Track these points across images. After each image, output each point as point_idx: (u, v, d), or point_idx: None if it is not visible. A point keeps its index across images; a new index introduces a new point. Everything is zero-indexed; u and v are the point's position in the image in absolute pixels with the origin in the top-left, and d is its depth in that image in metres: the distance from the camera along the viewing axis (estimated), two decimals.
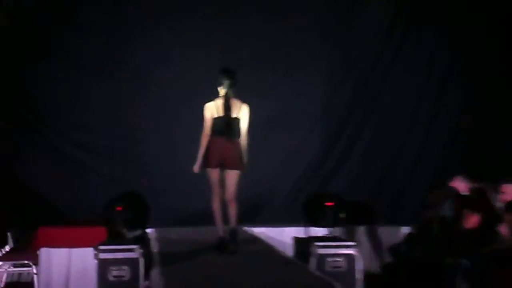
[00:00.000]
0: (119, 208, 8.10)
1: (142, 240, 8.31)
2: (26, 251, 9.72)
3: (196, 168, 8.07)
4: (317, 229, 9.41)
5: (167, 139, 11.38)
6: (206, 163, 8.04)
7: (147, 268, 7.74)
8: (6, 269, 9.50)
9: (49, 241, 9.73)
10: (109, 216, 8.13)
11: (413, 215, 10.84)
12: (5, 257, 9.40)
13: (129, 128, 11.57)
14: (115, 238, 8.19)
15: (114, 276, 7.75)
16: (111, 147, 11.55)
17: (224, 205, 8.18)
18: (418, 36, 12.04)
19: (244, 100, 8.36)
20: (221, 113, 7.99)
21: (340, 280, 7.02)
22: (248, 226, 10.49)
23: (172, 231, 10.11)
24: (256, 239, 9.58)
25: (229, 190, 8.12)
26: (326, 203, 8.79)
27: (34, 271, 9.42)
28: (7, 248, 9.72)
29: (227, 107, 8.02)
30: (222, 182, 8.11)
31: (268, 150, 11.49)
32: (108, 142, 11.54)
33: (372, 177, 11.79)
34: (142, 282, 7.70)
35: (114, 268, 7.76)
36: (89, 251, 8.03)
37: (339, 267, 8.33)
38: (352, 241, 8.57)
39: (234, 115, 8.06)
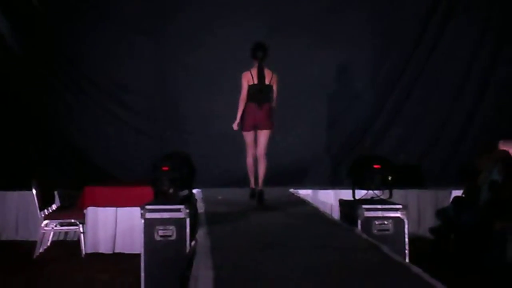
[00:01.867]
0: (165, 168, 8.07)
1: (188, 200, 8.30)
2: (72, 210, 9.81)
3: (235, 126, 9.09)
4: (363, 191, 9.28)
5: (211, 104, 11.37)
6: (242, 126, 9.06)
7: (193, 228, 7.73)
8: (52, 228, 9.60)
9: (95, 200, 9.80)
10: (155, 176, 8.10)
11: (461, 179, 10.74)
12: (52, 216, 9.49)
13: (175, 91, 11.61)
14: (161, 198, 8.18)
15: (161, 236, 7.75)
16: (157, 109, 11.61)
17: (256, 161, 9.07)
18: (469, 4, 11.74)
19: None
20: (255, 81, 8.93)
21: (387, 243, 6.90)
22: (294, 188, 10.46)
23: (218, 191, 10.12)
24: (302, 201, 9.53)
25: (260, 147, 9.03)
26: (374, 166, 8.66)
27: (81, 229, 9.50)
28: (54, 206, 9.82)
29: (262, 76, 8.94)
30: (255, 142, 9.08)
31: (315, 113, 11.46)
32: (155, 104, 11.59)
33: (420, 139, 11.64)
34: (188, 242, 7.70)
35: (160, 227, 7.76)
36: (136, 211, 8.03)
37: (386, 230, 8.21)
38: (399, 204, 8.44)
39: (266, 82, 8.99)
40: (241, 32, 11.37)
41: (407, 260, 7.92)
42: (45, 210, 9.38)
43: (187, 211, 7.79)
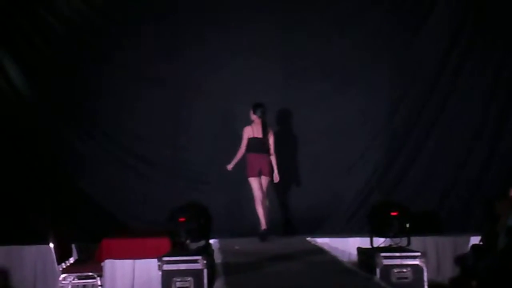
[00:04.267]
0: (182, 219, 8.09)
1: (206, 251, 8.30)
2: (90, 262, 9.78)
3: (229, 167, 10.49)
4: (381, 239, 9.24)
5: (230, 151, 11.38)
6: (249, 173, 10.38)
7: (211, 279, 7.71)
8: (70, 281, 9.55)
9: (113, 253, 9.78)
10: (172, 227, 8.13)
11: (480, 225, 10.68)
12: (70, 269, 9.47)
13: (190, 139, 11.61)
14: (178, 249, 8.18)
15: (179, 287, 7.74)
16: (171, 158, 11.60)
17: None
18: (485, 42, 11.72)
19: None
20: (255, 134, 10.44)
21: None
22: (312, 237, 10.43)
23: (235, 241, 10.10)
24: (320, 250, 9.49)
25: (263, 191, 10.42)
26: (391, 213, 8.65)
27: (99, 283, 9.46)
28: (72, 260, 9.80)
29: (265, 130, 10.50)
30: (261, 187, 10.41)
31: (331, 159, 11.44)
32: (168, 153, 11.60)
33: (438, 186, 11.55)
34: None
35: (178, 279, 7.77)
36: (153, 262, 8.04)
37: (405, 278, 8.19)
38: (418, 251, 8.39)
39: (266, 136, 10.50)
40: (257, 78, 11.46)
41: None
42: (63, 264, 9.37)
43: (205, 262, 7.80)
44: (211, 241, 9.29)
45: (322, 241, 10.31)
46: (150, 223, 10.94)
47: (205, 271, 7.78)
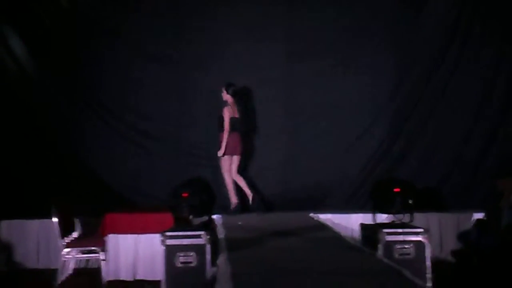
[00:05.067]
0: (185, 195, 8.09)
1: (208, 226, 8.30)
2: (93, 237, 9.80)
3: (220, 153, 10.57)
4: (384, 215, 9.24)
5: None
6: (225, 152, 10.57)
7: (214, 254, 7.73)
8: (74, 256, 9.57)
9: (116, 227, 9.83)
10: (175, 203, 8.13)
11: (483, 201, 10.67)
12: (73, 244, 9.48)
13: (193, 116, 11.59)
14: (181, 224, 8.19)
15: (181, 262, 7.76)
16: (175, 134, 11.59)
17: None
18: (489, 15, 11.62)
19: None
20: (234, 114, 10.67)
21: (408, 267, 6.86)
22: (314, 213, 10.43)
23: (237, 217, 10.11)
24: (322, 226, 9.49)
25: (235, 170, 10.80)
26: (394, 189, 8.63)
27: (102, 257, 9.47)
28: (75, 234, 9.82)
29: (239, 110, 10.77)
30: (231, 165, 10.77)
31: (334, 135, 11.43)
32: (172, 130, 11.58)
33: (441, 162, 11.53)
34: (209, 268, 7.70)
35: (181, 254, 7.78)
36: (156, 237, 8.05)
37: (408, 254, 8.19)
38: (421, 227, 8.39)
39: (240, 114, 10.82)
40: (260, 56, 11.44)
41: (429, 284, 7.88)
42: (66, 238, 9.39)
43: (208, 237, 7.81)
44: (214, 216, 9.30)
45: (325, 217, 10.31)
46: (153, 199, 10.97)
47: (208, 246, 7.79)
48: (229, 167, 10.70)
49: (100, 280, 9.36)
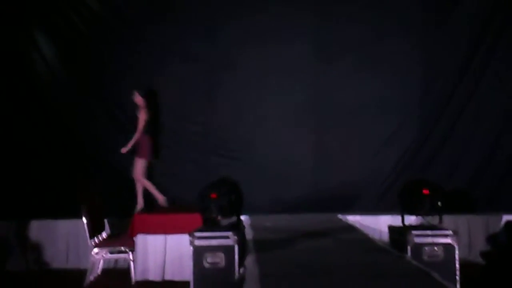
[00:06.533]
0: (213, 196, 8.11)
1: (237, 227, 8.32)
2: (122, 237, 9.88)
3: (124, 150, 10.57)
4: (413, 217, 9.20)
5: (261, 127, 11.40)
6: (143, 155, 10.72)
7: (242, 255, 7.74)
8: (103, 256, 9.65)
9: (145, 228, 9.86)
10: (204, 203, 8.15)
11: None
12: (102, 244, 9.56)
13: (221, 116, 11.61)
14: (210, 225, 8.21)
15: (209, 263, 7.78)
16: (203, 134, 11.61)
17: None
18: None
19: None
20: (148, 117, 10.72)
21: (437, 269, 6.84)
22: (343, 214, 10.41)
23: (266, 218, 10.11)
24: (351, 227, 9.47)
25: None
26: (423, 191, 8.59)
27: (131, 257, 9.55)
28: (104, 235, 9.89)
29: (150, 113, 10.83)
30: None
31: (364, 138, 11.40)
32: (200, 129, 11.61)
33: (470, 165, 11.46)
34: (237, 269, 7.71)
35: (209, 255, 7.80)
36: (185, 238, 8.07)
37: (436, 256, 8.15)
38: (450, 230, 8.34)
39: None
40: (286, 56, 11.42)
41: (458, 287, 7.84)
42: (95, 238, 9.46)
43: (236, 238, 7.82)
44: (242, 217, 9.31)
45: (353, 219, 10.30)
46: (180, 199, 11.01)
47: (236, 247, 7.80)
48: (144, 170, 10.79)
49: (129, 281, 9.43)
